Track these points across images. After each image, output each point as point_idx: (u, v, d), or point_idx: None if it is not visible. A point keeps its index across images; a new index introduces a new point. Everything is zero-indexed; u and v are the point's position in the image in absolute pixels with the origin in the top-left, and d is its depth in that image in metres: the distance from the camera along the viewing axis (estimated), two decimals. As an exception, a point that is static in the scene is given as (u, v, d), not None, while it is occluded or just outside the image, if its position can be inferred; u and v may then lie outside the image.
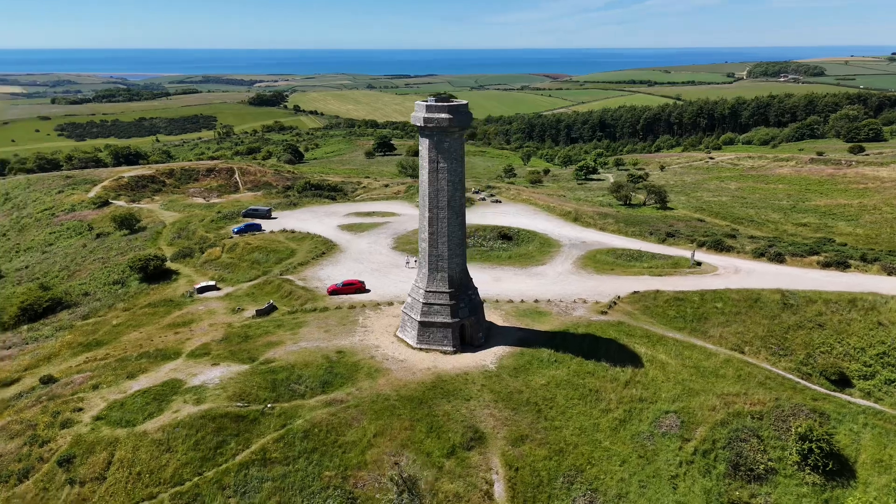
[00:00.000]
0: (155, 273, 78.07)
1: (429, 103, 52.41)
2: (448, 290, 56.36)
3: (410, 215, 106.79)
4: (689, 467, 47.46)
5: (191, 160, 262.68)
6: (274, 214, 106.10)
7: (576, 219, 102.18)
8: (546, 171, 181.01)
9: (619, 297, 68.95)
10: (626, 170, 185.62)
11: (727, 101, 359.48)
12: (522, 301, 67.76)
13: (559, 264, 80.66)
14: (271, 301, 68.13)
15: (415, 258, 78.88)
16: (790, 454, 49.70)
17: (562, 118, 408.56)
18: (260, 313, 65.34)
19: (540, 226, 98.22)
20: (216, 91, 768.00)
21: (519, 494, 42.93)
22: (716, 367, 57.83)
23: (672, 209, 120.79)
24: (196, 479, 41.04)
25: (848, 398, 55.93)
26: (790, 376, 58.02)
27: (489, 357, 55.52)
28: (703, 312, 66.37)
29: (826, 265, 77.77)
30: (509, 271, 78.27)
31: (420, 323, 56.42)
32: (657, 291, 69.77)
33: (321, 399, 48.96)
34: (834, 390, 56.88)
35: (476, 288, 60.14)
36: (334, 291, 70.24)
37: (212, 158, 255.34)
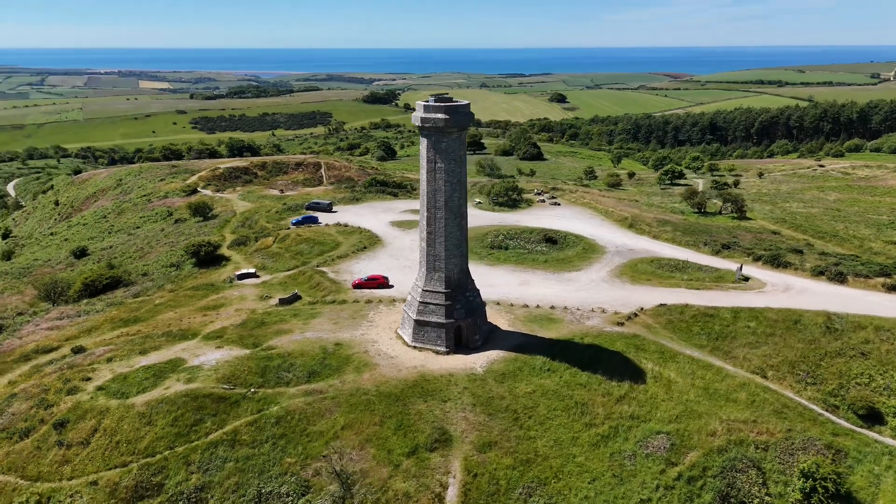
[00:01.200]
0: (206, 258, 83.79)
1: (426, 103, 52.76)
2: (444, 291, 56.47)
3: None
4: (667, 493, 44.86)
5: (296, 154, 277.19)
6: (335, 208, 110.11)
7: (631, 225, 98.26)
8: (631, 175, 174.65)
9: (642, 308, 65.97)
10: (720, 175, 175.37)
11: (856, 104, 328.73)
12: (538, 306, 66.42)
13: (595, 271, 78.13)
14: (296, 291, 71.15)
15: None
16: (792, 491, 45.88)
17: (670, 120, 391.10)
18: (283, 302, 68.45)
19: (590, 230, 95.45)
20: (335, 89, 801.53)
21: (471, 501, 42.50)
22: (728, 389, 54.17)
23: (750, 219, 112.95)
24: (167, 452, 44.09)
25: (876, 436, 50.68)
26: (813, 407, 53.31)
27: (480, 360, 55.09)
28: (732, 331, 62.15)
29: (892, 289, 70.05)
30: (540, 275, 76.84)
31: (415, 321, 56.96)
32: (686, 305, 66.08)
33: (303, 388, 50.80)
34: (860, 426, 51.64)
35: (477, 290, 59.78)
36: (358, 285, 72.18)
37: (313, 153, 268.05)
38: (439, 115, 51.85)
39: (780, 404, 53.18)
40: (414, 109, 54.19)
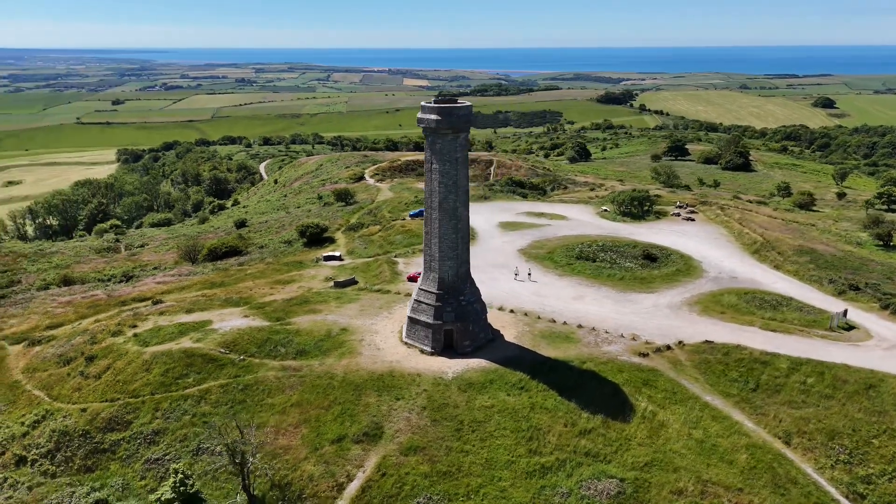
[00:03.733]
0: (313, 238, 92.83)
1: (424, 104, 53.29)
2: (436, 292, 56.52)
3: (577, 221, 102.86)
4: (583, 542, 40.83)
5: (504, 150, 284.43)
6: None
7: (757, 251, 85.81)
8: (841, 195, 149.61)
9: (681, 342, 58.75)
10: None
11: None
12: (565, 323, 62.63)
13: (669, 296, 70.66)
14: (354, 276, 75.92)
15: (528, 268, 77.22)
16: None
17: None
18: (337, 284, 73.64)
19: (702, 251, 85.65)
20: (576, 88, 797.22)
21: (366, 497, 43.09)
22: (730, 448, 46.90)
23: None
24: (146, 397, 51.65)
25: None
26: (830, 489, 44.04)
27: (458, 366, 54.26)
28: (778, 384, 52.88)
29: None
30: (603, 292, 71.72)
31: (409, 318, 57.95)
32: (737, 346, 57.40)
33: (284, 363, 55.15)
34: (878, 528, 40.88)
35: (477, 296, 58.49)
36: (412, 278, 74.56)
37: (513, 151, 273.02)
38: (432, 116, 52.08)
39: (787, 478, 44.45)
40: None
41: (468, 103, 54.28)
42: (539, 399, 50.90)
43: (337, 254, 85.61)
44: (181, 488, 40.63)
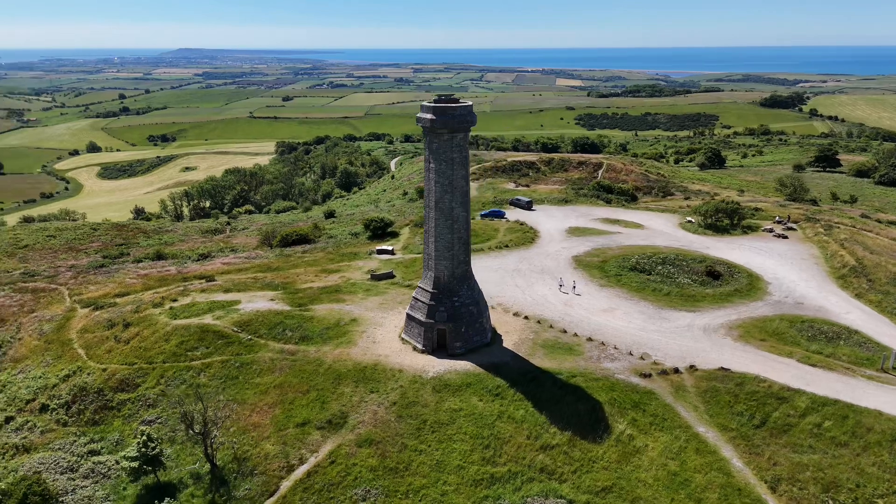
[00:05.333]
0: (376, 232, 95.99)
1: (423, 103, 53.56)
2: (430, 291, 56.58)
3: (653, 230, 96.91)
4: (505, 559, 39.64)
5: (634, 155, 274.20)
6: (535, 207, 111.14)
7: (842, 276, 75.92)
8: None
9: (693, 366, 54.16)
10: None
11: None
12: (575, 335, 59.92)
13: (709, 317, 65.04)
14: (392, 270, 77.66)
15: (573, 280, 74.18)
16: None
17: None
18: (374, 277, 75.83)
19: (778, 272, 77.51)
20: (739, 90, 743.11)
21: (310, 481, 44.59)
22: (703, 485, 43.29)
23: None
24: (157, 364, 56.95)
25: None
26: None
27: (441, 367, 54.03)
28: (788, 424, 47.40)
29: None
30: (639, 307, 67.47)
31: (406, 315, 58.56)
32: (754, 378, 52.01)
33: (284, 347, 58.13)
34: None
35: (474, 298, 57.51)
36: (446, 277, 74.93)
37: (635, 155, 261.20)
38: (428, 116, 52.30)
39: (754, 529, 39.69)
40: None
41: (468, 103, 53.79)
42: (510, 408, 49.49)
43: (389, 248, 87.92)
44: (143, 449, 44.72)
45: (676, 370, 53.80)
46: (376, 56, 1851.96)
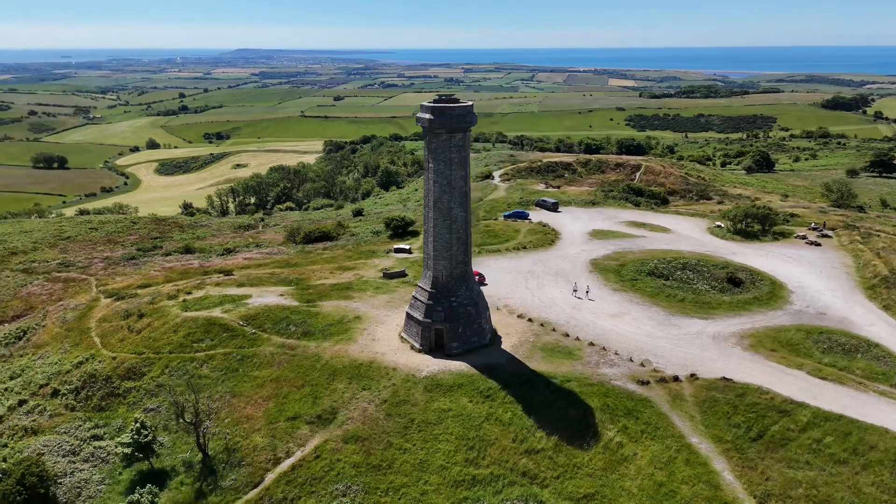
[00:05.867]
0: (396, 230, 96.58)
1: (423, 103, 53.62)
2: (428, 290, 56.59)
3: (679, 235, 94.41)
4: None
5: (680, 158, 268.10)
6: (561, 209, 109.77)
7: (872, 286, 72.38)
8: None
9: (694, 375, 52.63)
10: None
11: None
12: (578, 339, 58.95)
13: (722, 325, 63.07)
14: (405, 269, 77.96)
15: (587, 285, 72.66)
16: None
17: None
18: (386, 275, 76.33)
19: (804, 281, 74.59)
20: (801, 91, 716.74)
21: (294, 475, 45.24)
22: (688, 497, 42.54)
23: None
24: (164, 354, 58.69)
25: None
26: None
27: (436, 366, 53.96)
28: (786, 438, 45.73)
29: None
30: (649, 313, 65.92)
31: (406, 313, 58.73)
32: (756, 389, 50.31)
33: (286, 342, 59.05)
34: None
35: (472, 299, 57.15)
36: (457, 277, 74.83)
37: (680, 158, 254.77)
38: (426, 116, 52.38)
39: (736, 545, 38.36)
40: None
41: (469, 103, 53.61)
42: (499, 410, 49.09)
43: (407, 247, 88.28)
44: (136, 437, 46.23)
45: (676, 378, 52.35)
46: (428, 56, 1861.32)
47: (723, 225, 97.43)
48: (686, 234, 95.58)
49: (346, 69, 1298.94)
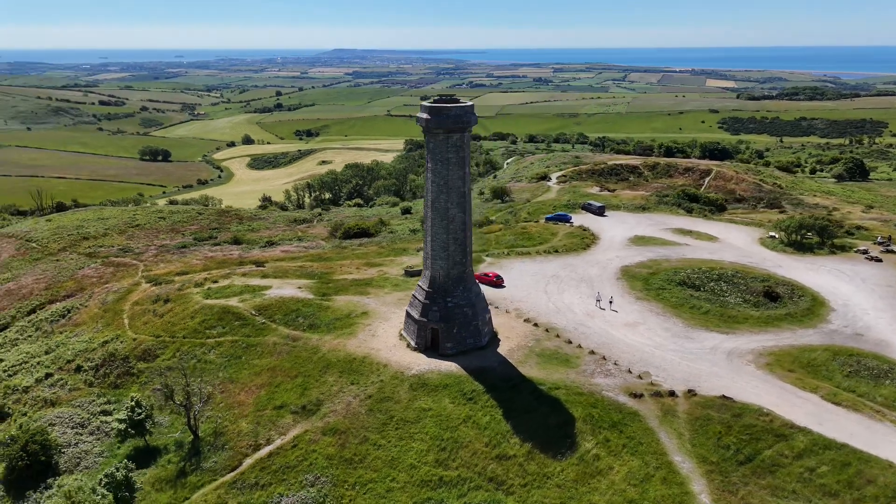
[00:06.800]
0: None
1: (423, 103, 53.69)
2: (426, 289, 56.57)
3: (725, 244, 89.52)
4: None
5: (766, 164, 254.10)
6: (607, 213, 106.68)
7: (928, 307, 65.91)
8: None
9: (692, 391, 50.07)
10: None
11: None
12: (579, 346, 57.27)
13: (741, 341, 59.53)
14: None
15: (609, 297, 68.90)
16: None
17: None
18: (407, 273, 76.87)
19: (852, 299, 69.26)
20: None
21: (269, 461, 46.58)
22: None
23: None
24: (179, 338, 61.69)
25: None
26: None
27: (426, 366, 53.90)
28: (777, 464, 43.08)
29: None
30: (667, 324, 63.09)
31: (406, 311, 58.99)
32: (756, 410, 47.57)
33: (291, 333, 60.65)
34: None
35: (468, 299, 56.52)
36: (476, 278, 74.32)
37: (767, 164, 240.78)
38: (424, 116, 52.43)
39: (696, 573, 36.34)
40: None
41: (468, 104, 53.22)
42: (478, 414, 48.54)
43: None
44: (130, 414, 49.02)
45: (672, 393, 49.88)
46: (519, 56, 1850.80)
47: (776, 235, 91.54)
48: (734, 243, 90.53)
49: (435, 69, 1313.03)
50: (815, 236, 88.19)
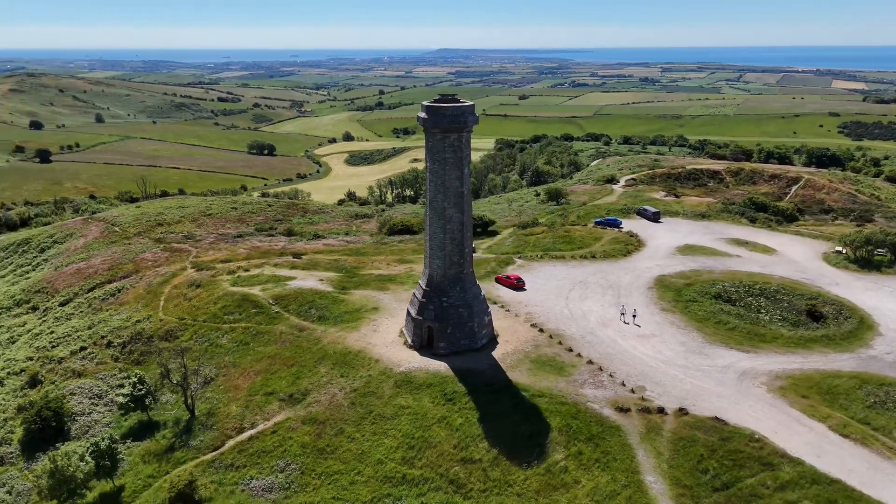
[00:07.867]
0: (474, 229, 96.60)
1: (423, 102, 53.69)
2: (424, 288, 56.54)
3: (782, 258, 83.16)
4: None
5: (878, 174, 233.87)
6: (663, 220, 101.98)
7: None
8: None
9: (683, 409, 47.29)
10: None
11: None
12: (579, 355, 55.34)
13: (761, 362, 55.42)
14: (453, 268, 77.96)
15: (633, 311, 64.48)
16: None
17: None
18: (434, 272, 77.19)
19: (904, 323, 62.36)
20: None
21: (247, 444, 48.42)
22: None
23: None
24: (200, 322, 65.06)
25: None
26: None
27: (415, 364, 53.93)
28: (755, 494, 40.75)
29: None
30: (684, 338, 59.64)
31: (407, 309, 59.22)
32: (747, 435, 44.90)
33: (300, 323, 62.49)
34: None
35: (465, 300, 55.83)
36: (498, 279, 73.52)
37: (866, 174, 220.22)
38: (422, 115, 52.56)
39: None
40: None
41: (467, 104, 52.81)
42: (454, 415, 48.17)
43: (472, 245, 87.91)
44: (132, 390, 52.40)
45: (661, 410, 47.24)
46: (625, 55, 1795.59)
47: (843, 251, 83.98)
48: (793, 257, 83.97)
49: (538, 68, 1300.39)
50: (890, 253, 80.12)
